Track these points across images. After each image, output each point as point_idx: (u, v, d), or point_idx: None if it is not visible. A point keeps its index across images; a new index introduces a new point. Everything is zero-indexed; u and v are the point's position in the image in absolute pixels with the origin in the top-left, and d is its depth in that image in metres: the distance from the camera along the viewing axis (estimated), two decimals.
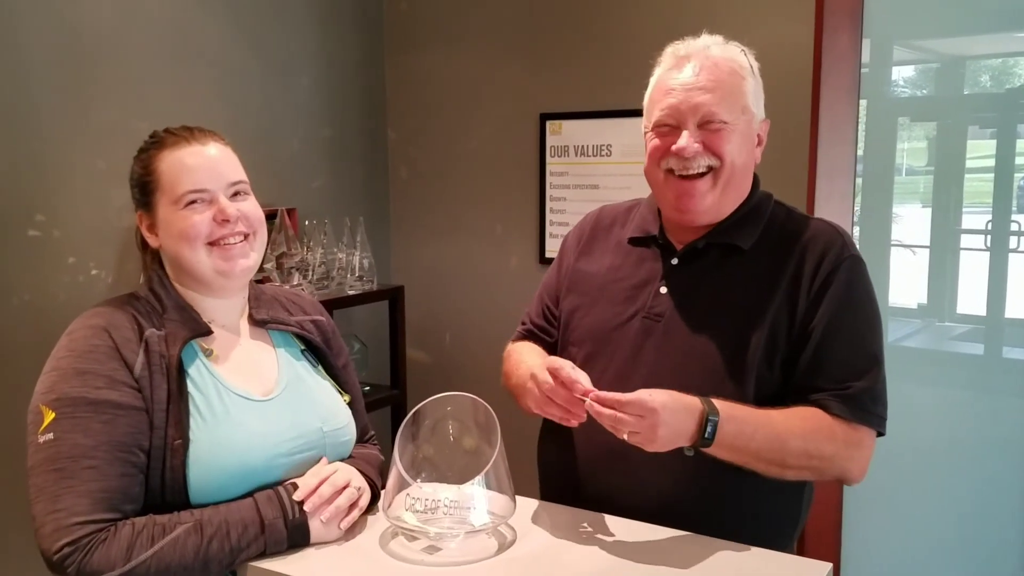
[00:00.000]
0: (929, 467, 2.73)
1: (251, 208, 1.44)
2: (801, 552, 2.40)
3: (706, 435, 1.34)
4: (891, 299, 2.85)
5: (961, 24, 2.73)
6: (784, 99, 2.48)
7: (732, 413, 1.37)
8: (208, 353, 1.40)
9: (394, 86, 3.23)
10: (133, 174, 1.44)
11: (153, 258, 1.49)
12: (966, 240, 2.85)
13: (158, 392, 1.31)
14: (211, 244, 1.39)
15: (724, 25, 2.57)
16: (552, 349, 1.69)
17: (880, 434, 1.47)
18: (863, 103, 2.61)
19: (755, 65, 1.55)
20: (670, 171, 1.51)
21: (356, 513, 1.40)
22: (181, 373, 1.34)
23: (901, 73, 2.92)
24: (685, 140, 1.47)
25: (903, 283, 2.87)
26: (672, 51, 1.55)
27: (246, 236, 1.42)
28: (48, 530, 1.22)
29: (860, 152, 2.65)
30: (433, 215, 3.21)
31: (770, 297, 1.48)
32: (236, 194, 1.42)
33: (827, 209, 2.39)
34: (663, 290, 1.55)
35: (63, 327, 1.39)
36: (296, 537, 1.32)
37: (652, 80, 1.56)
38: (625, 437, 1.31)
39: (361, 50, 3.13)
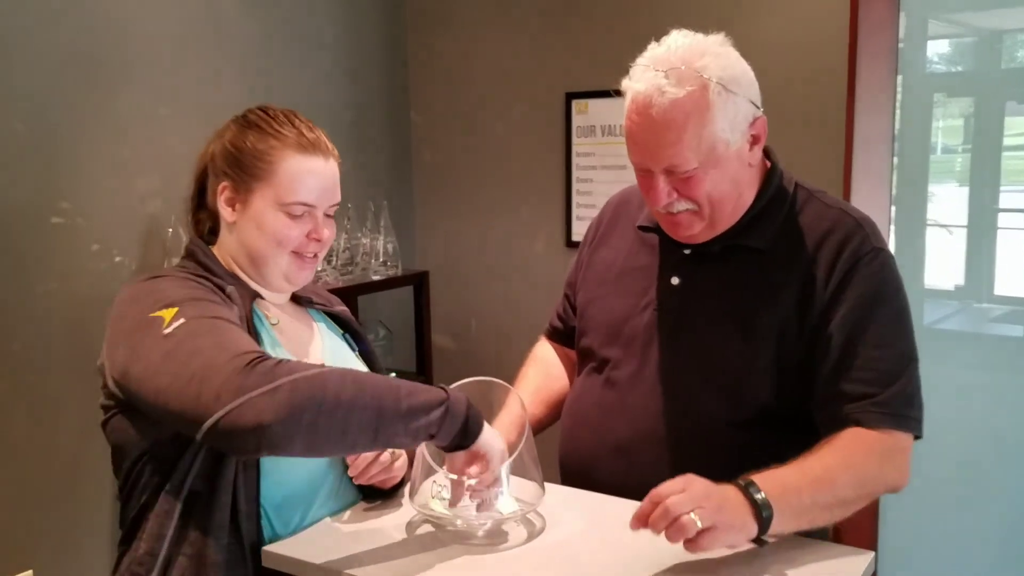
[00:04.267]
0: (968, 452, 2.68)
1: (332, 230, 1.45)
2: (838, 540, 2.36)
3: (758, 499, 1.22)
4: (927, 280, 2.80)
5: None
6: (820, 74, 2.43)
7: (767, 475, 1.26)
8: (275, 322, 1.41)
9: (417, 68, 3.20)
10: (243, 148, 1.38)
11: (211, 225, 1.46)
12: (1004, 219, 2.79)
13: None
14: (293, 252, 1.40)
15: (756, 0, 2.53)
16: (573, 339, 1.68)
17: (917, 437, 1.38)
18: (898, 79, 2.55)
19: (723, 79, 1.35)
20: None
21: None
22: (254, 328, 1.34)
23: (936, 48, 2.86)
24: (657, 192, 1.39)
25: (939, 264, 2.82)
26: (629, 84, 1.40)
27: (316, 254, 1.44)
28: (223, 360, 1.12)
29: (895, 130, 2.59)
30: (457, 199, 3.19)
31: (783, 295, 1.41)
32: (327, 215, 1.44)
33: (864, 187, 2.33)
34: (675, 280, 1.49)
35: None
36: (470, 423, 1.27)
37: (625, 103, 1.44)
38: (698, 523, 1.15)
39: (384, 33, 3.10)
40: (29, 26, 2.07)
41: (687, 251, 1.49)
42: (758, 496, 1.21)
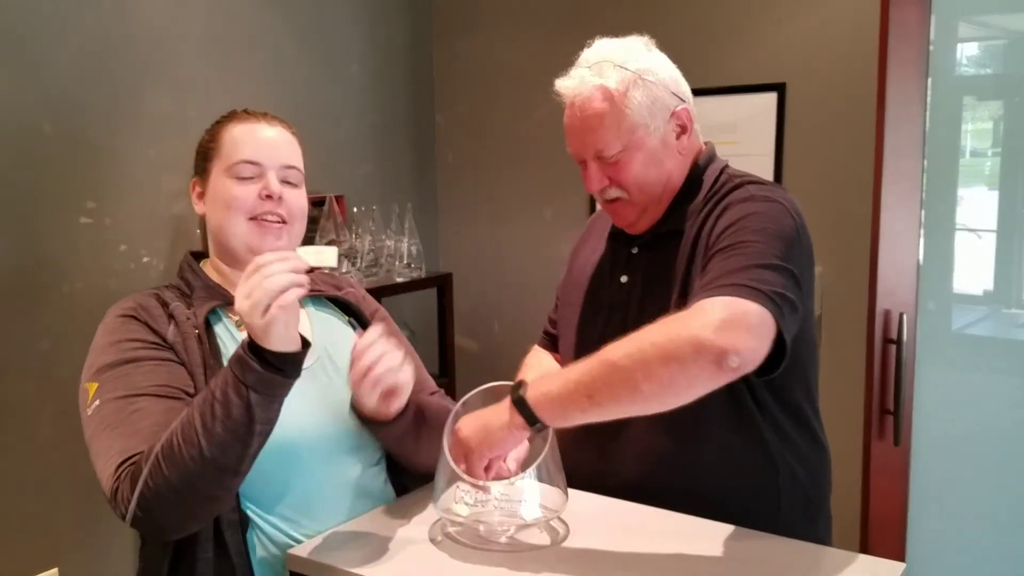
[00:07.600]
0: (997, 459, 2.64)
1: (296, 197, 1.44)
2: (864, 548, 2.33)
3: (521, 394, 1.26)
4: (956, 285, 2.77)
5: None
6: (851, 78, 2.41)
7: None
8: (239, 324, 1.40)
9: (442, 70, 3.20)
10: (200, 143, 1.47)
11: (203, 231, 1.52)
12: None
13: (193, 356, 1.33)
14: (251, 219, 1.40)
15: (786, 1, 2.51)
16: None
17: (772, 314, 1.23)
18: (927, 82, 2.52)
19: (640, 69, 1.45)
20: None
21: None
22: (211, 337, 1.36)
23: (966, 51, 2.82)
24: (590, 179, 1.50)
25: (968, 269, 2.78)
26: (560, 82, 1.51)
27: (283, 221, 1.42)
28: (103, 481, 1.22)
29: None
30: (481, 201, 3.18)
31: (694, 263, 1.44)
32: (287, 181, 1.43)
33: (895, 191, 2.31)
34: (623, 279, 1.56)
35: None
36: (269, 363, 1.17)
37: None
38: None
39: (409, 34, 3.11)
40: (57, 27, 2.09)
41: (634, 250, 1.56)
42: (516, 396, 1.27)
